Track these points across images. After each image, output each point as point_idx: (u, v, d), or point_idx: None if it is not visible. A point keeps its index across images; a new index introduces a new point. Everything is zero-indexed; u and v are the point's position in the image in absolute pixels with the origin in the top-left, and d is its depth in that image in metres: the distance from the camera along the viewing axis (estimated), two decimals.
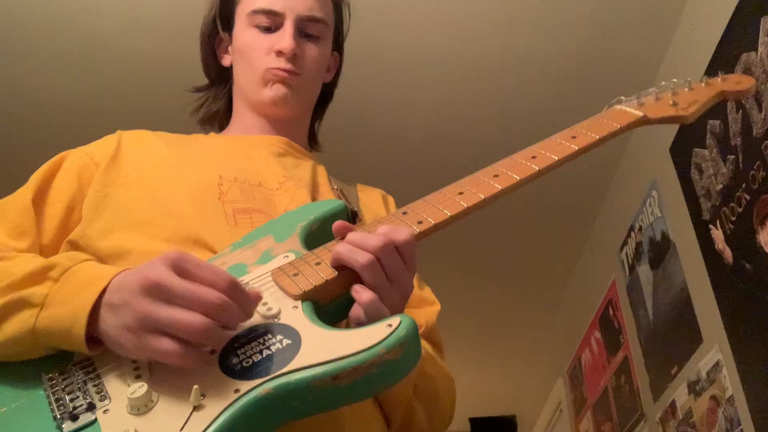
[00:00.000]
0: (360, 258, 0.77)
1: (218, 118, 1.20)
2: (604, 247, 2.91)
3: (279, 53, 1.07)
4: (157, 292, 0.67)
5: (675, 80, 1.07)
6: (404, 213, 0.86)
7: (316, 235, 0.88)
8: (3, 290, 0.74)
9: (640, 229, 2.49)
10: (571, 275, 3.39)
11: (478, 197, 0.86)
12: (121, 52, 2.19)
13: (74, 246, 0.91)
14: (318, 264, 0.80)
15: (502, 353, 4.09)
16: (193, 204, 0.94)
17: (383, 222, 0.85)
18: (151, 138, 1.05)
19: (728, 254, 1.84)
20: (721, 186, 1.88)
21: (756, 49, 1.70)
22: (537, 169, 0.91)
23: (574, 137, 0.97)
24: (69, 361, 0.74)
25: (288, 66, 1.07)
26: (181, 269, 0.69)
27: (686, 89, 1.06)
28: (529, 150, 0.95)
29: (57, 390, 0.71)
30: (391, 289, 0.79)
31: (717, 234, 1.90)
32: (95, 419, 0.67)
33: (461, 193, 0.87)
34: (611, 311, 2.85)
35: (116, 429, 0.65)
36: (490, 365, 4.22)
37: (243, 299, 0.70)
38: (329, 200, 0.98)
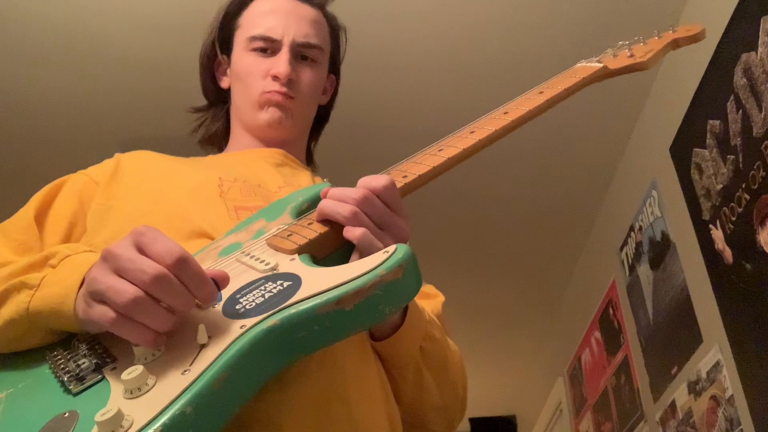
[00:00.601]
0: (342, 210, 0.80)
1: (217, 139, 1.23)
2: (604, 247, 2.91)
3: (275, 78, 1.11)
4: (108, 259, 0.68)
5: (629, 40, 1.18)
6: (387, 173, 0.91)
7: (306, 213, 0.90)
8: (5, 278, 0.78)
9: (640, 229, 2.49)
10: (571, 275, 3.39)
11: (458, 148, 0.93)
12: (122, 51, 2.19)
13: None
14: (310, 224, 0.84)
15: (502, 353, 4.09)
16: (195, 201, 0.96)
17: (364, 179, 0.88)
18: (149, 154, 1.08)
19: (728, 254, 1.84)
20: (721, 186, 1.88)
21: (756, 49, 1.70)
22: (510, 119, 0.99)
23: (541, 92, 1.07)
24: (73, 338, 0.77)
25: (283, 89, 1.11)
26: (138, 242, 0.69)
27: (641, 44, 1.17)
28: (502, 108, 1.03)
29: (61, 361, 0.73)
30: (384, 236, 0.81)
31: (717, 234, 1.90)
32: (103, 377, 0.69)
33: (441, 150, 0.94)
34: (611, 311, 2.85)
35: (125, 374, 0.65)
36: (490, 365, 4.22)
37: (194, 278, 0.67)
38: (317, 183, 1.01)
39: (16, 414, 0.70)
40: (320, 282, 0.71)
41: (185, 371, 0.64)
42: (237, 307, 0.71)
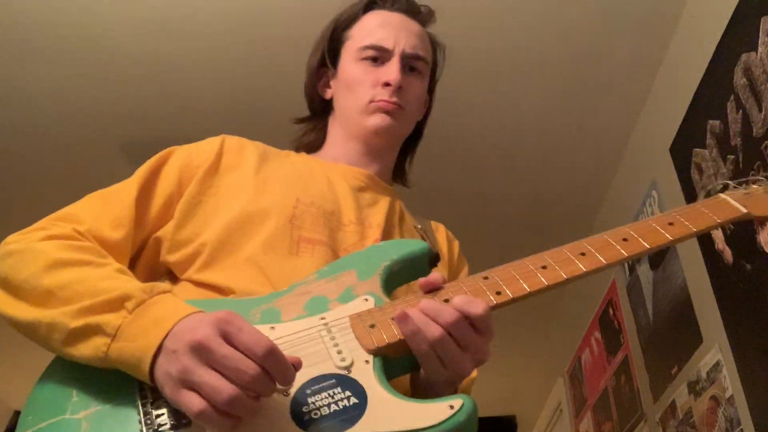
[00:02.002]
0: (432, 331, 0.80)
1: (313, 149, 1.26)
2: None
3: (386, 84, 1.14)
4: (199, 352, 0.72)
5: None
6: (485, 278, 0.88)
7: (398, 275, 0.92)
8: (83, 312, 0.79)
9: None
10: None
11: (561, 276, 0.87)
12: (122, 51, 2.20)
13: (157, 243, 1.00)
14: (394, 319, 0.82)
15: (501, 353, 4.09)
16: (265, 228, 0.99)
17: (462, 287, 0.87)
18: (250, 150, 1.11)
19: (728, 254, 1.84)
20: (721, 186, 1.88)
21: (756, 49, 1.70)
22: (626, 255, 0.89)
23: (670, 224, 0.94)
24: None
25: (394, 99, 1.14)
26: (225, 332, 0.72)
27: None
28: (622, 231, 0.93)
29: (146, 402, 0.75)
30: (463, 358, 0.82)
31: (717, 234, 1.90)
32: None
33: (544, 267, 0.88)
34: (611, 311, 2.85)
35: None
36: (489, 365, 4.17)
37: (279, 367, 0.72)
38: (414, 240, 1.00)
39: None
40: (383, 417, 0.73)
41: None
42: (304, 410, 0.74)
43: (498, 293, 0.85)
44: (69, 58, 2.21)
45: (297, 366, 0.75)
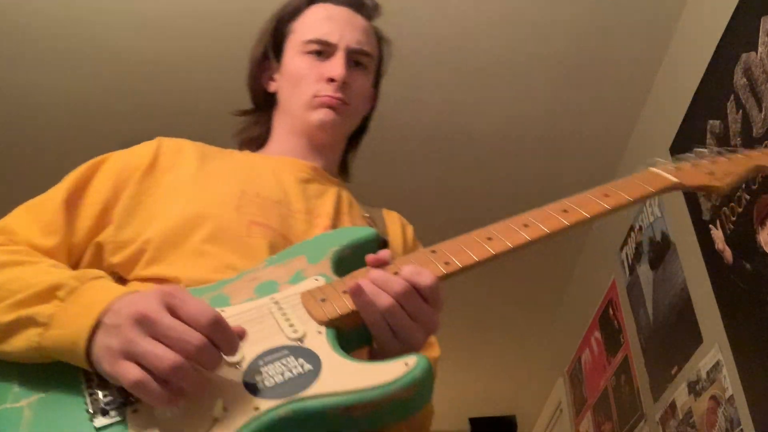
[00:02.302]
0: (382, 301, 0.80)
1: (257, 143, 1.24)
2: (604, 247, 2.91)
3: (330, 80, 1.12)
4: (143, 323, 0.70)
5: (714, 148, 1.09)
6: (433, 252, 0.89)
7: (348, 260, 0.91)
8: (14, 306, 0.78)
9: (640, 229, 2.49)
10: (571, 275, 3.39)
11: (506, 245, 0.89)
12: (122, 51, 2.20)
13: (99, 248, 0.97)
14: (345, 292, 0.83)
15: (502, 353, 4.09)
16: (210, 218, 0.97)
17: (411, 260, 0.87)
18: (188, 149, 1.09)
19: (728, 254, 1.84)
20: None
21: (756, 49, 1.70)
22: (567, 223, 0.93)
23: (606, 195, 0.98)
24: None
25: (338, 94, 1.13)
26: (169, 304, 0.72)
27: (724, 158, 1.07)
28: (561, 203, 0.96)
29: (91, 384, 0.74)
30: (414, 328, 0.81)
31: (717, 234, 1.90)
32: (124, 418, 0.71)
33: (490, 239, 0.90)
34: (611, 311, 2.85)
35: (141, 430, 0.68)
36: (490, 365, 4.22)
37: (224, 338, 0.72)
38: (362, 227, 1.01)
39: (42, 429, 0.71)
40: (338, 379, 0.73)
41: None
42: (257, 378, 0.73)
43: (446, 263, 0.86)
44: (69, 58, 2.21)
45: (241, 335, 0.75)
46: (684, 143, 2.11)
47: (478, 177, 2.70)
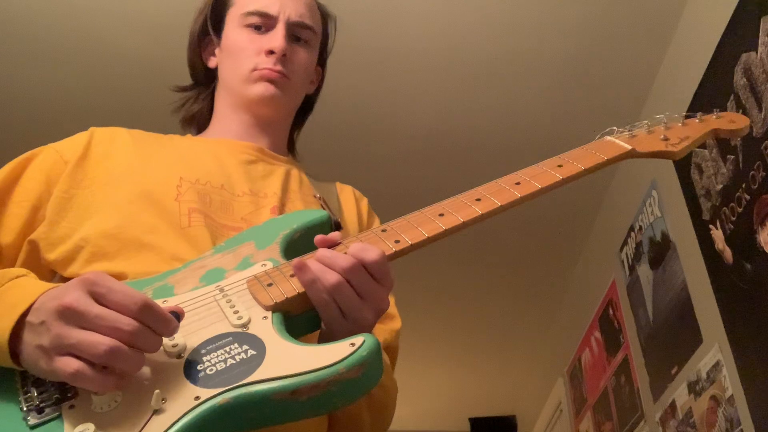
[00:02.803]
0: (328, 278, 0.78)
1: (199, 120, 1.21)
2: (604, 247, 2.91)
3: (269, 53, 1.10)
4: (70, 315, 0.68)
5: (668, 114, 1.07)
6: (383, 230, 0.87)
7: (298, 244, 0.89)
8: None
9: (640, 229, 2.49)
10: (571, 275, 3.39)
11: (458, 220, 0.87)
12: (122, 50, 2.20)
13: (33, 246, 0.93)
14: (293, 276, 0.81)
15: (502, 353, 4.09)
16: (149, 208, 0.95)
17: (360, 239, 0.86)
18: (122, 137, 1.06)
19: (728, 254, 1.84)
20: (721, 186, 1.88)
21: (756, 49, 1.70)
22: (519, 195, 0.91)
23: (560, 166, 0.98)
24: None
25: (278, 67, 1.10)
26: (94, 293, 0.70)
27: (679, 124, 1.06)
28: (514, 176, 0.95)
29: (27, 383, 0.72)
30: (363, 306, 0.79)
31: (717, 234, 1.90)
32: (59, 414, 0.69)
33: (441, 215, 0.88)
34: (611, 311, 2.85)
35: (77, 425, 0.66)
36: (490, 365, 4.22)
37: (157, 319, 0.70)
38: (314, 210, 0.98)
39: None
40: (282, 363, 0.71)
41: None
42: (199, 367, 0.71)
43: (396, 242, 0.84)
44: (69, 58, 2.21)
45: (180, 314, 0.73)
46: None
47: (476, 179, 2.68)
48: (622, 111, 2.46)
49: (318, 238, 0.85)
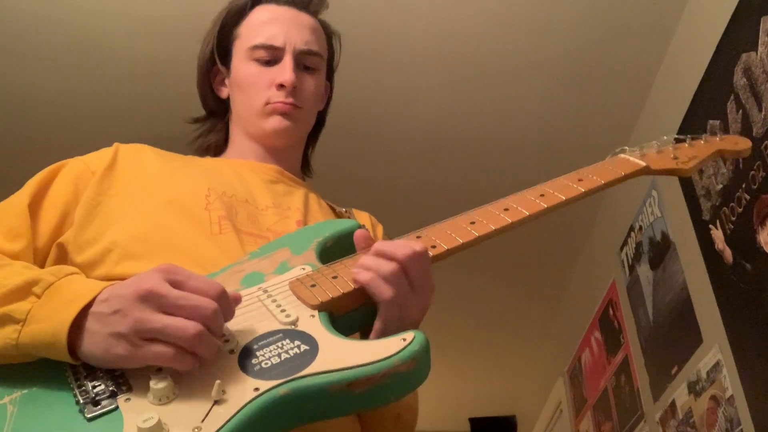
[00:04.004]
0: (385, 267, 0.82)
1: (216, 149, 1.23)
2: (604, 247, 2.91)
3: (280, 86, 1.11)
4: (151, 299, 0.70)
5: (676, 136, 1.15)
6: (418, 237, 0.91)
7: (331, 252, 0.92)
8: None
9: (640, 229, 2.49)
10: (571, 275, 3.39)
11: (489, 228, 0.92)
12: (122, 51, 2.20)
13: (62, 249, 0.95)
14: (335, 278, 0.84)
15: (502, 353, 4.09)
16: (179, 215, 0.97)
17: (398, 240, 0.89)
18: (147, 152, 1.08)
19: (728, 254, 1.84)
20: (721, 186, 1.88)
21: (756, 49, 1.70)
22: (545, 206, 0.98)
23: (580, 180, 1.04)
24: None
25: (289, 99, 1.11)
26: (173, 280, 0.72)
27: (686, 145, 1.15)
28: (539, 188, 1.02)
29: (79, 377, 0.73)
30: (413, 299, 0.83)
31: (717, 234, 1.90)
32: (117, 406, 0.70)
33: (473, 223, 0.93)
34: (611, 311, 2.85)
35: (139, 415, 0.67)
36: (490, 365, 4.22)
37: (229, 306, 0.74)
38: (344, 219, 1.02)
39: (29, 422, 0.70)
40: (336, 356, 0.73)
41: (197, 428, 0.67)
42: (253, 361, 0.73)
43: (433, 247, 0.89)
44: (69, 58, 2.21)
45: (237, 302, 0.77)
46: None
47: (475, 179, 2.70)
48: (621, 111, 2.46)
49: (359, 233, 0.89)
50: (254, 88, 1.13)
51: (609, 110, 2.45)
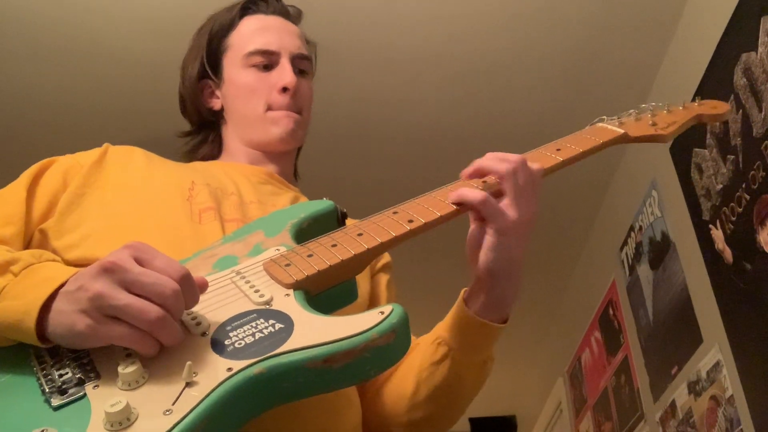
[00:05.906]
0: (501, 166, 0.92)
1: (210, 158, 1.23)
2: (604, 247, 2.91)
3: (283, 90, 1.12)
4: (113, 272, 0.68)
5: (653, 104, 1.14)
6: (395, 213, 0.89)
7: (306, 233, 0.90)
8: None
9: (640, 229, 2.49)
10: (571, 275, 3.39)
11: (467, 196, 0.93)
12: (121, 51, 2.20)
13: (44, 234, 0.95)
14: (310, 256, 0.82)
15: (501, 353, 4.08)
16: (160, 205, 0.98)
17: (374, 221, 0.88)
18: (138, 153, 1.09)
19: (728, 254, 1.84)
20: (721, 186, 1.88)
21: (756, 49, 1.70)
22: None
23: (558, 149, 1.04)
24: None
25: (293, 108, 1.13)
26: (139, 258, 0.70)
27: (665, 111, 1.12)
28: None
29: (45, 366, 0.71)
30: (518, 205, 0.91)
31: (717, 234, 1.90)
32: (84, 394, 0.68)
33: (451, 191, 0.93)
34: (611, 311, 2.85)
35: (107, 401, 0.64)
36: None
37: (192, 291, 0.71)
38: (319, 200, 1.00)
39: None
40: (312, 333, 0.71)
41: (167, 411, 0.64)
42: (226, 342, 0.71)
43: (410, 221, 0.88)
44: (68, 58, 2.20)
45: (203, 287, 0.74)
46: (684, 143, 2.11)
47: None
48: (622, 110, 2.46)
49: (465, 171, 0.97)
50: (255, 94, 1.13)
51: (609, 110, 2.44)
